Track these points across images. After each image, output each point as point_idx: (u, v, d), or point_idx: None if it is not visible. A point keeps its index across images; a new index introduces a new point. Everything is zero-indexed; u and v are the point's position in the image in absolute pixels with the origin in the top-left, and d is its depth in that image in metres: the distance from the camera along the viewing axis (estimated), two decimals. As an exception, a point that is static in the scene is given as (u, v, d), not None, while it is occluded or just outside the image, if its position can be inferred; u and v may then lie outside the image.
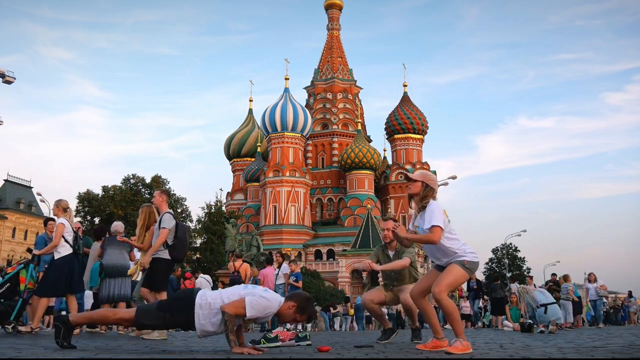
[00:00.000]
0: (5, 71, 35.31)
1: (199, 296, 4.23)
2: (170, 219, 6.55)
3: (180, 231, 6.66)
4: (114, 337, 6.71)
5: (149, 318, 4.24)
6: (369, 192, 66.69)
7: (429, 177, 4.50)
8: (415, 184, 4.45)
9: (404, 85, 73.03)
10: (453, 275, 4.21)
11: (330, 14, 77.89)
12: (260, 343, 5.00)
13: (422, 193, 4.42)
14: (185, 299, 4.26)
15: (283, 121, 65.26)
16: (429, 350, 4.28)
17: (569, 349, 4.46)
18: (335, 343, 5.78)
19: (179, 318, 4.22)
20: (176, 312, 4.21)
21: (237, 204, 71.43)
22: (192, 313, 4.16)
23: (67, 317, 4.30)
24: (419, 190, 4.43)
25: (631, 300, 26.65)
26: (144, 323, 4.28)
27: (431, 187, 4.44)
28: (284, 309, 4.25)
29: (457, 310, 4.35)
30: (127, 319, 4.32)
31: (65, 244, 7.30)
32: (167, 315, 4.20)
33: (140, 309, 4.40)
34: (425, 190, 4.42)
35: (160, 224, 6.52)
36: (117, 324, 4.68)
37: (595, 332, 9.80)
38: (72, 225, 7.51)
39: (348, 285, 55.26)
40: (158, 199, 6.86)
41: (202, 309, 4.17)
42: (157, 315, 4.21)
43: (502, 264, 56.54)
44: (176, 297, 4.43)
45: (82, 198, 38.90)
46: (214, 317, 4.16)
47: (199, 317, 4.15)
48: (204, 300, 4.20)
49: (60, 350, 4.06)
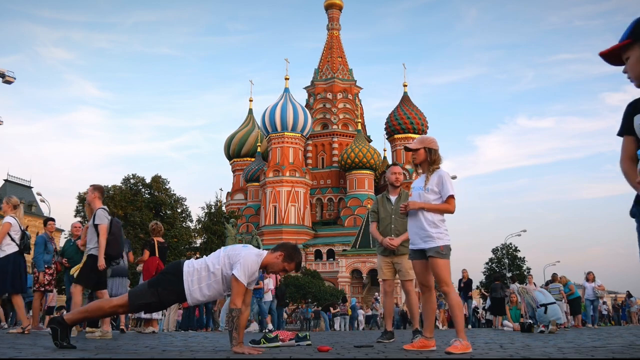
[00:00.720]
0: (5, 71, 35.34)
1: (186, 265, 4.28)
2: (104, 215, 6.39)
3: (114, 227, 6.49)
4: (113, 337, 6.71)
5: (143, 297, 4.25)
6: (369, 192, 66.69)
7: (427, 140, 4.49)
8: (418, 152, 4.44)
9: (404, 85, 73.11)
10: (442, 270, 4.23)
11: (330, 14, 77.90)
12: (260, 343, 5.00)
13: (430, 158, 4.41)
14: (174, 270, 4.30)
15: (283, 121, 65.27)
16: (415, 349, 4.28)
17: (569, 349, 4.46)
18: (335, 343, 5.78)
19: (171, 290, 4.23)
20: (167, 284, 4.24)
21: (237, 204, 71.43)
22: (182, 283, 4.20)
23: (61, 317, 4.29)
24: (425, 156, 4.42)
25: (631, 300, 26.68)
26: (139, 303, 4.29)
27: (434, 149, 4.43)
28: (272, 259, 4.28)
29: (462, 307, 4.36)
30: (122, 305, 4.33)
31: (12, 242, 7.14)
32: (159, 289, 4.22)
33: (131, 292, 4.42)
34: (431, 154, 4.41)
35: (94, 221, 6.37)
36: (113, 313, 4.67)
37: (595, 332, 9.80)
38: (20, 224, 7.32)
39: (348, 285, 55.25)
40: (90, 196, 6.63)
41: (191, 276, 4.21)
42: (150, 292, 4.22)
43: (502, 264, 56.51)
44: (164, 271, 4.44)
45: (82, 198, 38.81)
46: (203, 283, 4.20)
47: (188, 285, 4.19)
48: (191, 268, 4.25)
49: (60, 350, 4.05)
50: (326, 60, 76.32)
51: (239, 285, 4.10)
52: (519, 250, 60.35)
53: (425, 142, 4.46)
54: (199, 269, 4.24)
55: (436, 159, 4.42)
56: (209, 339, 6.66)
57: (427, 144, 4.44)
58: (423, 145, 4.43)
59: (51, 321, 4.28)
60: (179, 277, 4.22)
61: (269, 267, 4.34)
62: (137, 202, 38.32)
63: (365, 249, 53.51)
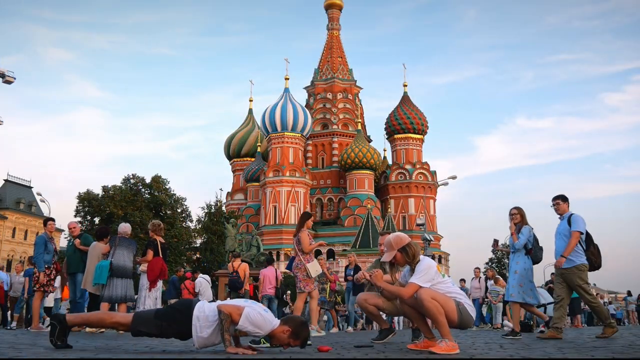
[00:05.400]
0: (5, 71, 35.28)
1: (197, 308, 4.26)
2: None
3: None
4: (114, 337, 6.71)
5: (146, 325, 4.25)
6: (369, 192, 66.68)
7: (396, 242, 4.38)
8: (396, 258, 4.37)
9: (404, 85, 73.03)
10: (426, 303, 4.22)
11: (330, 14, 77.85)
12: (260, 343, 4.99)
13: (409, 258, 4.35)
14: (183, 309, 4.29)
15: (283, 121, 65.23)
16: (419, 349, 4.28)
17: (569, 349, 4.45)
18: (335, 343, 5.77)
19: (175, 328, 4.24)
20: (173, 321, 4.24)
21: (237, 204, 71.40)
22: (189, 324, 4.19)
23: (63, 316, 4.29)
24: (403, 260, 4.37)
25: (630, 299, 26.62)
26: (140, 330, 4.29)
27: (407, 245, 4.35)
28: (278, 332, 4.25)
29: (442, 311, 4.32)
30: (124, 324, 4.33)
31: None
32: (165, 324, 4.22)
33: (137, 315, 4.40)
34: (407, 253, 4.34)
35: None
36: (113, 327, 4.67)
37: (595, 332, 9.79)
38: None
39: (348, 285, 55.22)
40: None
41: (200, 321, 4.20)
42: (155, 324, 4.23)
43: (502, 264, 56.50)
44: (174, 307, 4.43)
45: (82, 198, 38.81)
46: (210, 329, 4.20)
47: (196, 329, 4.19)
48: (201, 312, 4.23)
49: (60, 350, 4.05)
50: (326, 60, 76.28)
51: (237, 312, 4.14)
52: (519, 250, 60.27)
53: (394, 245, 4.38)
54: (209, 315, 4.23)
55: (415, 252, 4.35)
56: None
57: (398, 245, 4.37)
58: (396, 249, 4.36)
59: (52, 317, 4.29)
60: (188, 318, 4.22)
61: (273, 339, 4.32)
62: (137, 202, 38.28)
63: (365, 249, 53.46)
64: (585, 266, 6.57)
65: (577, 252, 6.55)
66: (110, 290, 8.40)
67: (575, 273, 6.51)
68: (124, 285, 8.54)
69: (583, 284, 6.53)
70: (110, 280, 8.43)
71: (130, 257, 8.81)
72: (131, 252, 8.84)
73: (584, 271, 6.56)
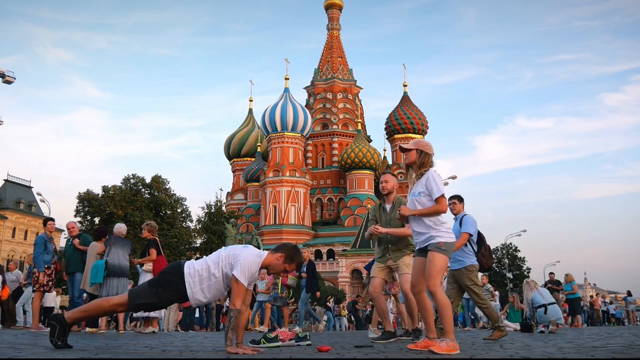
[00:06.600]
0: (5, 71, 35.33)
1: (186, 266, 4.29)
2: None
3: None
4: (114, 337, 6.71)
5: (143, 297, 4.26)
6: (369, 192, 66.72)
7: (422, 143, 4.50)
8: (410, 152, 4.46)
9: (404, 85, 73.12)
10: (435, 265, 4.24)
11: (330, 14, 77.91)
12: (260, 343, 5.00)
13: (419, 161, 4.43)
14: (174, 271, 4.31)
15: (283, 121, 65.27)
16: (419, 349, 4.27)
17: (569, 349, 4.46)
18: (335, 343, 5.78)
19: (171, 291, 4.25)
20: (168, 285, 4.25)
21: (237, 204, 71.44)
22: (183, 284, 4.21)
23: (62, 315, 4.28)
24: (415, 158, 4.45)
25: (630, 299, 26.66)
26: (139, 303, 4.29)
27: (426, 152, 4.43)
28: (272, 260, 4.30)
29: (450, 306, 4.32)
30: (121, 303, 4.35)
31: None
32: (160, 289, 4.23)
33: (132, 291, 4.44)
34: (420, 157, 4.43)
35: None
36: (112, 311, 4.67)
37: (595, 332, 9.80)
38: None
39: (348, 285, 55.27)
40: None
41: (192, 277, 4.22)
42: (151, 292, 4.23)
43: (502, 264, 56.56)
44: (165, 271, 4.44)
45: (82, 198, 38.83)
46: (204, 284, 4.22)
47: (190, 286, 4.21)
48: (192, 269, 4.26)
49: (60, 350, 4.05)
50: (326, 60, 76.32)
51: (239, 286, 4.10)
52: (519, 250, 60.50)
53: (419, 144, 4.49)
54: (199, 270, 4.25)
55: (425, 162, 4.43)
56: (209, 339, 6.66)
57: (421, 146, 4.46)
58: (416, 147, 4.46)
59: (51, 317, 4.29)
60: (180, 278, 4.23)
61: (270, 268, 4.35)
62: (137, 202, 38.30)
63: (365, 249, 53.48)
64: (475, 267, 6.75)
65: (467, 253, 6.73)
66: (107, 289, 8.42)
67: (465, 274, 6.70)
68: (121, 284, 8.56)
69: (472, 284, 6.71)
70: (107, 279, 8.46)
71: (126, 257, 8.83)
72: (126, 252, 8.86)
73: (473, 272, 6.75)
